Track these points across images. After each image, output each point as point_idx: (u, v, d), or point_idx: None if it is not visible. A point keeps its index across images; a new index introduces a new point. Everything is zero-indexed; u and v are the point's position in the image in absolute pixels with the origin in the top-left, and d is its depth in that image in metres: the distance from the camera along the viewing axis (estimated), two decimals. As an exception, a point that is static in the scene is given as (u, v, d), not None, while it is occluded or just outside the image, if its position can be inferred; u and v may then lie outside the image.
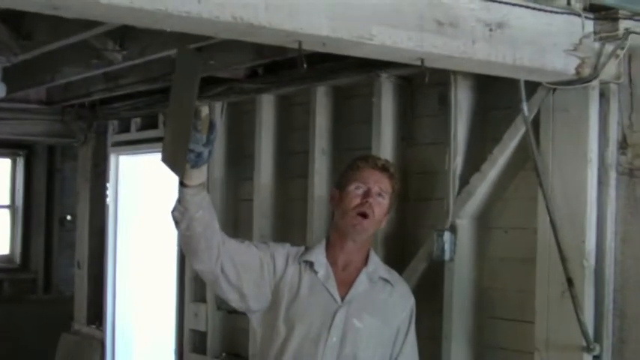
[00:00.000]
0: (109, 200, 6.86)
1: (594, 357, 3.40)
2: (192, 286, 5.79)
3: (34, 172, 10.10)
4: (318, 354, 3.29)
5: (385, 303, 3.44)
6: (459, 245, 3.89)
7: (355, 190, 3.40)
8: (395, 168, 3.58)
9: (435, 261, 3.93)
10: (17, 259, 10.08)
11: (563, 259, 3.36)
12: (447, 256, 3.87)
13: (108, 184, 6.87)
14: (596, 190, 3.44)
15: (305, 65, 2.79)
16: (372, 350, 3.36)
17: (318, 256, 3.44)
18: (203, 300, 5.65)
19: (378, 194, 3.40)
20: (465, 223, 3.92)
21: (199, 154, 3.01)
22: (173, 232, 5.95)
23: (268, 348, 3.38)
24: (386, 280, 3.47)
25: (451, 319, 3.88)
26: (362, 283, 3.40)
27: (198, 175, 3.12)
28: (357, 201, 3.38)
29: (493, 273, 3.91)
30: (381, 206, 3.41)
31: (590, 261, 3.40)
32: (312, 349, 3.29)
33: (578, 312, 3.34)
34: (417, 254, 4.07)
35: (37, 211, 10.06)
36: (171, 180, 6.14)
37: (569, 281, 3.35)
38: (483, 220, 3.96)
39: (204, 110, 3.05)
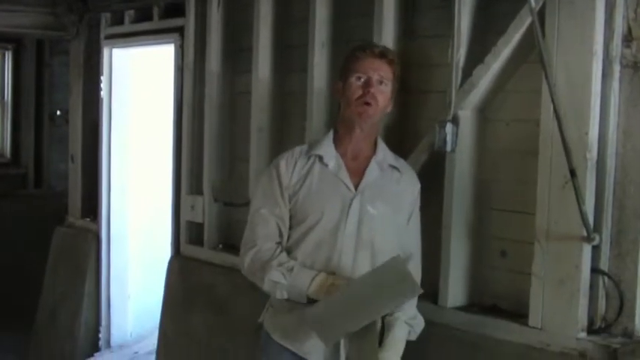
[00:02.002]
0: (103, 94, 6.81)
1: (594, 247, 3.46)
2: (188, 179, 5.79)
3: (23, 66, 10.00)
4: (337, 242, 3.36)
5: (395, 190, 3.49)
6: (460, 136, 3.90)
7: (356, 81, 3.42)
8: (394, 53, 3.59)
9: (437, 152, 3.95)
10: (7, 153, 10.06)
11: (567, 150, 3.38)
12: (448, 147, 3.88)
13: (102, 78, 6.82)
14: (600, 82, 3.44)
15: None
16: (388, 236, 3.44)
17: (327, 148, 3.47)
18: (199, 192, 5.66)
19: (379, 82, 3.42)
20: (467, 114, 3.92)
21: None
22: (168, 125, 5.99)
23: (286, 242, 3.46)
24: (394, 167, 3.51)
25: (451, 209, 3.92)
26: (373, 171, 3.45)
27: None
28: (360, 92, 3.41)
29: (494, 165, 3.93)
30: (383, 94, 3.44)
31: (593, 153, 3.42)
32: (331, 238, 3.35)
33: (580, 202, 3.37)
34: (418, 146, 4.08)
35: (27, 106, 9.99)
36: (165, 71, 6.12)
37: (572, 172, 3.37)
38: (485, 113, 3.96)
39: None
